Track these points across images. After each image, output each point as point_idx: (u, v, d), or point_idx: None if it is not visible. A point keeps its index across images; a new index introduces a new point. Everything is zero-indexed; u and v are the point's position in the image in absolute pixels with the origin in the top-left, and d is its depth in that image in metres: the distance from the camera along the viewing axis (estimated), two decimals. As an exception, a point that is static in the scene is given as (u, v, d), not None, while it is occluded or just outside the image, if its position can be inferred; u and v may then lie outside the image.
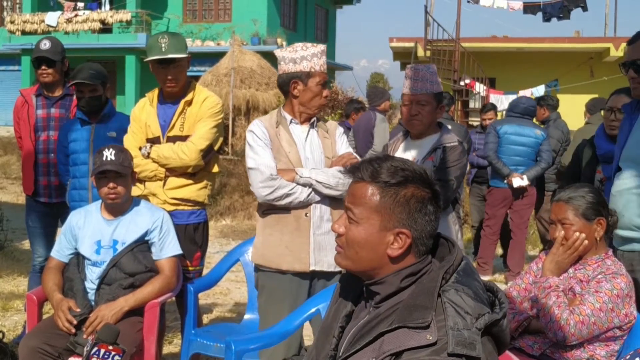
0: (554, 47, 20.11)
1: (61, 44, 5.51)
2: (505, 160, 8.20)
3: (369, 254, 2.12)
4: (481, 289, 2.06)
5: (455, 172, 4.13)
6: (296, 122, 3.96)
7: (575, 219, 3.39)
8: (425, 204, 2.09)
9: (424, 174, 2.12)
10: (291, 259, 3.86)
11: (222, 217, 12.77)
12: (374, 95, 9.59)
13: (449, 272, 2.04)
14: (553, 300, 3.28)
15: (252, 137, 3.91)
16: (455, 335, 1.89)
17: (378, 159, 2.15)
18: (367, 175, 2.12)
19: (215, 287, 5.83)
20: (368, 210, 2.10)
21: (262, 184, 3.79)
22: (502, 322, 2.01)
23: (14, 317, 6.33)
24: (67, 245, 4.24)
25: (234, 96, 18.55)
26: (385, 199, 2.08)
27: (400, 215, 2.07)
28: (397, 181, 2.08)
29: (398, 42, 20.83)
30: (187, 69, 4.56)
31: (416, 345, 1.92)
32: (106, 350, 3.64)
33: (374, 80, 51.38)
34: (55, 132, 5.38)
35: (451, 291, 1.98)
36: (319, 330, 2.34)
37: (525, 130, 8.16)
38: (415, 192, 2.08)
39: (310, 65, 3.87)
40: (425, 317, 1.94)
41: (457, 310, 1.94)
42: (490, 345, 1.99)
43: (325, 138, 4.00)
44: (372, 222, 2.10)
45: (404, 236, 2.08)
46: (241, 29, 27.04)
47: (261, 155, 3.84)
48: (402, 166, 2.11)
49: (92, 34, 29.15)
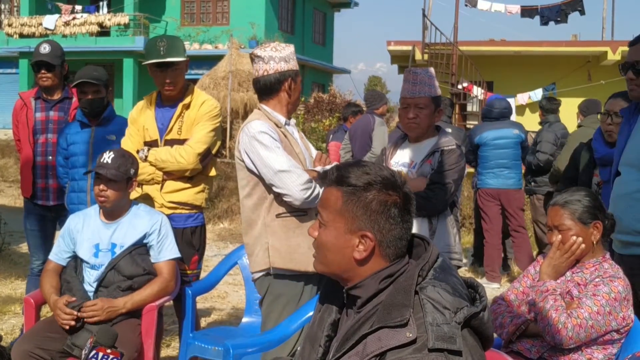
0: (551, 50, 20.10)
1: (61, 48, 5.50)
2: (490, 164, 8.29)
3: (336, 257, 2.16)
4: (459, 284, 2.07)
5: (453, 175, 4.13)
6: (288, 123, 3.97)
7: (571, 223, 3.39)
8: (388, 207, 2.10)
9: (391, 177, 2.14)
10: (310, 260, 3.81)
11: (220, 221, 12.77)
12: (372, 99, 9.60)
13: (424, 269, 2.06)
14: (550, 304, 3.28)
15: (268, 138, 3.74)
16: (434, 330, 1.91)
17: (348, 165, 2.20)
18: (334, 180, 2.17)
19: (213, 291, 5.83)
20: (333, 213, 2.15)
21: (302, 186, 3.67)
22: (482, 314, 2.02)
23: (11, 320, 6.33)
24: (65, 248, 4.24)
25: (231, 99, 18.57)
26: (348, 202, 2.12)
27: (362, 217, 2.11)
28: (360, 184, 2.11)
29: (396, 46, 20.81)
30: (185, 72, 4.57)
31: (397, 344, 1.93)
32: (104, 353, 3.64)
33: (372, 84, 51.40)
34: (54, 135, 5.39)
35: (428, 287, 2.00)
36: (305, 338, 2.35)
37: (504, 132, 8.26)
38: (378, 195, 2.10)
39: (296, 64, 3.91)
40: (403, 315, 1.96)
41: (435, 306, 1.96)
42: (472, 339, 2.00)
43: (302, 138, 4.06)
44: (337, 225, 2.15)
45: (367, 239, 2.10)
46: (239, 32, 27.07)
47: (286, 157, 3.73)
48: (367, 170, 2.14)
49: (90, 37, 29.15)
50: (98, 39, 29.39)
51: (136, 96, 27.55)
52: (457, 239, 4.26)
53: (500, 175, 8.35)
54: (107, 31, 29.56)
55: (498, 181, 8.38)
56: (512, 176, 8.39)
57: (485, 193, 8.50)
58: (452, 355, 1.90)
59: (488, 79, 19.47)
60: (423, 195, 4.06)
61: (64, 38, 27.51)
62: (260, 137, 3.73)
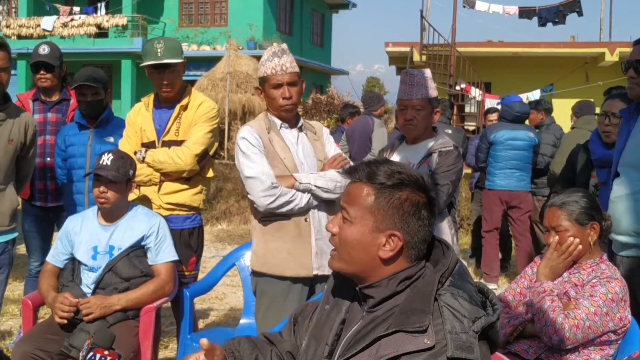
0: (549, 51, 20.12)
1: (59, 49, 5.51)
2: (502, 165, 8.25)
3: (360, 255, 2.13)
4: (474, 291, 2.07)
5: (451, 176, 4.14)
6: (286, 127, 3.96)
7: (568, 224, 3.39)
8: (420, 209, 2.10)
9: (420, 179, 2.13)
10: (294, 265, 3.84)
11: (218, 222, 12.77)
12: (370, 100, 9.60)
13: (444, 275, 2.05)
14: (548, 305, 3.28)
15: (245, 144, 3.83)
16: (453, 339, 1.91)
17: (376, 162, 2.17)
18: (364, 176, 2.13)
19: (211, 292, 5.83)
20: (362, 210, 2.12)
21: (263, 193, 3.74)
22: (497, 324, 2.02)
23: (9, 322, 6.32)
24: (63, 250, 4.24)
25: (229, 100, 18.57)
26: (380, 200, 2.10)
27: (394, 217, 2.09)
28: (392, 183, 2.09)
29: (394, 47, 20.83)
30: (182, 73, 4.57)
31: (414, 349, 1.92)
32: (102, 355, 3.64)
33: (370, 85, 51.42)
34: (52, 136, 5.39)
35: (447, 295, 1.99)
36: (308, 336, 2.32)
37: (519, 134, 8.22)
38: (410, 196, 2.09)
39: (264, 70, 3.88)
40: (422, 321, 1.95)
41: (454, 314, 1.95)
42: (485, 348, 2.00)
43: (315, 140, 4.01)
44: (365, 222, 2.11)
45: (395, 238, 2.09)
46: (237, 33, 27.05)
47: (258, 163, 3.78)
48: (399, 169, 2.12)
49: (88, 39, 29.15)
50: (96, 41, 29.39)
51: (134, 97, 27.55)
52: (455, 240, 4.26)
53: (512, 176, 8.30)
54: (105, 32, 29.57)
55: (509, 182, 8.31)
56: (523, 178, 8.36)
57: (493, 194, 8.43)
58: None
59: (486, 80, 19.49)
60: (420, 196, 4.05)
61: (62, 39, 27.51)
62: (240, 143, 3.86)
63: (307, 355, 2.28)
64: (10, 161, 4.31)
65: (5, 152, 4.25)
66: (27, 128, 4.43)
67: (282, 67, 3.84)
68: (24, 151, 4.45)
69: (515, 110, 8.30)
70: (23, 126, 4.38)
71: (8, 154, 4.27)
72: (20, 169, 4.48)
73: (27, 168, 4.59)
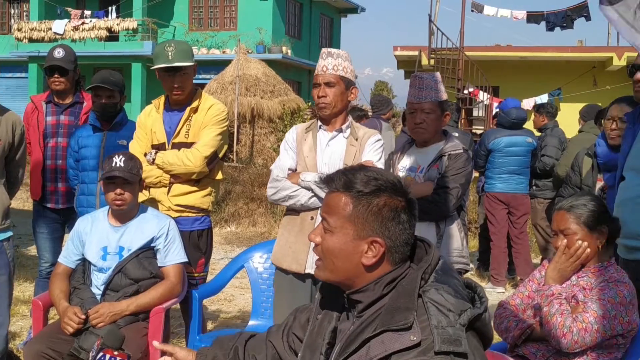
0: (557, 56, 20.11)
1: (74, 53, 5.53)
2: (500, 170, 8.32)
3: (344, 264, 2.14)
4: (460, 286, 2.08)
5: (460, 179, 4.15)
6: (324, 129, 4.08)
7: (577, 228, 3.40)
8: (399, 213, 2.11)
9: (397, 183, 2.14)
10: (290, 259, 3.99)
11: (227, 224, 12.78)
12: (379, 104, 9.62)
13: (427, 272, 2.06)
14: (556, 308, 3.29)
15: (284, 141, 4.18)
16: (440, 333, 1.92)
17: (352, 169, 2.18)
18: (341, 185, 2.14)
19: (220, 294, 5.85)
20: (342, 219, 2.13)
21: (269, 184, 4.04)
22: (484, 316, 2.03)
23: (19, 322, 6.35)
24: (75, 251, 4.27)
25: (239, 104, 18.60)
26: (358, 208, 2.11)
27: (373, 224, 2.10)
28: (369, 190, 2.10)
29: (402, 51, 20.84)
30: (193, 76, 4.59)
31: (401, 347, 1.93)
32: (111, 355, 3.66)
33: (378, 89, 51.37)
34: (64, 139, 5.41)
35: (431, 290, 2.01)
36: (303, 347, 2.32)
37: (517, 140, 8.28)
38: (388, 201, 2.11)
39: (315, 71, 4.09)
40: (407, 318, 1.97)
41: (439, 309, 1.96)
42: (475, 340, 2.01)
43: (351, 145, 4.05)
44: (346, 231, 2.12)
45: (377, 245, 2.10)
46: (246, 37, 27.10)
47: (280, 157, 4.11)
48: (375, 176, 2.13)
49: (99, 42, 29.23)
50: (107, 44, 29.46)
51: (144, 100, 27.59)
52: (465, 242, 4.27)
53: (510, 180, 8.38)
54: (115, 36, 29.64)
55: (507, 186, 8.40)
56: (521, 181, 8.43)
57: (494, 197, 8.52)
58: (457, 357, 1.91)
59: (494, 84, 19.49)
60: (430, 199, 4.07)
61: (72, 43, 27.60)
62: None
63: None
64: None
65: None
66: (15, 127, 4.37)
67: (323, 68, 4.00)
68: (13, 151, 4.40)
69: (512, 117, 8.34)
70: (10, 126, 4.33)
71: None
72: (11, 170, 4.44)
73: (18, 168, 4.53)
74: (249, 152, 18.89)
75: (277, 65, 26.04)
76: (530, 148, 8.35)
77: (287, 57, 28.97)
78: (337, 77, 3.98)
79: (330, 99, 3.98)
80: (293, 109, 19.38)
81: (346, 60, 4.02)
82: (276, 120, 19.07)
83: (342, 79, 3.99)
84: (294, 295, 3.99)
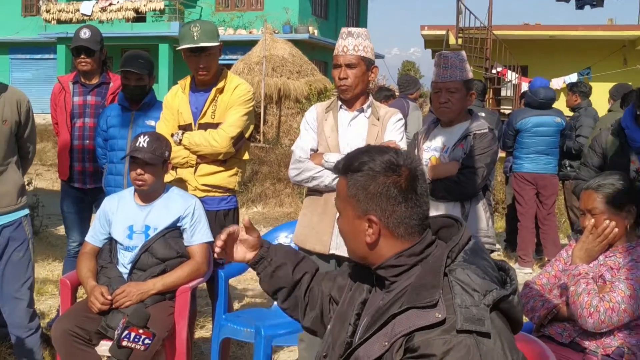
0: (586, 34, 19.86)
1: (100, 33, 5.55)
2: (528, 150, 8.25)
3: (354, 243, 2.22)
4: (490, 267, 2.08)
5: (486, 159, 4.12)
6: (345, 108, 4.06)
7: (604, 207, 3.37)
8: (387, 188, 2.12)
9: (392, 158, 2.15)
10: (314, 240, 4.00)
11: (254, 204, 12.84)
12: (406, 84, 9.59)
13: (454, 251, 2.07)
14: (582, 287, 3.27)
15: (304, 119, 4.14)
16: (463, 312, 1.92)
17: (354, 153, 2.24)
18: (341, 169, 2.23)
19: (246, 273, 5.87)
20: (343, 201, 2.21)
21: (292, 166, 4.04)
22: (512, 298, 2.03)
23: (48, 301, 6.44)
24: (101, 230, 4.31)
25: (265, 84, 18.61)
26: (351, 188, 2.17)
27: (364, 201, 2.15)
28: (360, 170, 2.15)
29: (430, 30, 20.70)
30: (218, 57, 4.58)
31: (425, 324, 1.94)
32: (137, 333, 3.71)
33: (406, 69, 51.03)
34: (91, 119, 5.45)
35: (458, 270, 2.01)
36: (334, 316, 2.37)
37: (546, 120, 8.18)
38: (376, 178, 2.13)
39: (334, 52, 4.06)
40: (432, 296, 1.97)
41: (464, 288, 1.97)
42: (501, 322, 2.01)
43: (373, 125, 4.03)
44: (347, 212, 2.21)
45: (372, 222, 2.14)
46: (273, 17, 27.04)
47: (301, 138, 4.08)
48: (368, 155, 2.18)
49: (126, 23, 29.35)
50: (134, 25, 29.55)
51: (171, 81, 27.66)
52: (490, 223, 4.24)
53: (538, 160, 8.30)
54: (142, 17, 29.72)
55: (535, 166, 8.33)
56: (550, 161, 8.34)
57: (522, 177, 8.45)
58: (480, 337, 1.91)
59: (522, 64, 19.31)
60: (455, 179, 4.06)
61: (100, 24, 27.69)
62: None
63: (332, 336, 2.32)
64: (7, 142, 4.23)
65: (0, 133, 4.19)
66: (20, 105, 4.31)
67: (344, 48, 3.96)
68: (21, 130, 4.36)
69: (539, 97, 8.24)
70: (15, 105, 4.28)
71: (4, 135, 4.20)
72: (22, 146, 4.41)
73: (28, 144, 4.49)
74: (276, 132, 18.91)
75: (303, 45, 25.96)
76: (559, 128, 8.27)
77: (314, 37, 28.87)
78: (358, 58, 3.94)
79: (351, 81, 3.96)
80: (319, 90, 19.35)
81: (366, 39, 3.98)
82: (303, 100, 19.06)
83: (363, 59, 3.96)
84: None
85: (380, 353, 2.01)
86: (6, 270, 4.25)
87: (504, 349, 1.94)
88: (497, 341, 1.93)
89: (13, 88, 4.37)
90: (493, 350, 1.91)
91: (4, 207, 4.22)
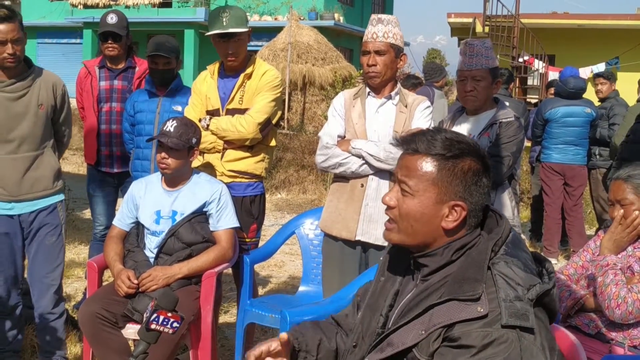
0: (615, 24, 19.67)
1: (126, 18, 5.57)
2: (557, 140, 8.18)
3: (423, 227, 2.12)
4: (530, 260, 2.06)
5: (511, 148, 4.10)
6: (373, 95, 4.05)
7: (634, 197, 3.35)
8: (481, 177, 2.10)
9: (477, 146, 2.13)
10: (340, 226, 4.00)
11: (278, 191, 12.86)
12: (432, 72, 9.56)
13: (497, 244, 2.05)
14: (610, 278, 3.25)
15: (331, 107, 4.13)
16: (508, 307, 1.90)
17: (431, 131, 2.16)
18: (423, 147, 2.11)
19: (271, 260, 5.90)
20: (424, 182, 2.10)
21: (319, 152, 4.03)
22: (553, 291, 2.01)
23: (74, 284, 6.50)
24: (129, 214, 4.34)
25: (290, 71, 18.58)
26: (443, 171, 2.08)
27: (457, 187, 2.08)
28: (453, 154, 2.08)
29: (456, 18, 20.59)
30: (247, 42, 4.59)
31: (467, 317, 1.93)
32: (165, 317, 3.70)
33: (431, 57, 50.83)
34: (118, 103, 5.48)
35: (501, 263, 1.99)
36: (365, 306, 2.33)
37: (575, 110, 8.10)
38: (472, 165, 2.09)
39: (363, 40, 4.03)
40: (475, 290, 1.95)
41: (508, 282, 1.95)
42: (542, 316, 1.99)
43: (400, 112, 4.01)
44: (428, 194, 2.10)
45: (459, 209, 2.08)
46: (298, 3, 26.99)
47: (329, 124, 4.07)
48: (457, 139, 2.12)
49: (152, 8, 29.38)
50: (160, 10, 29.58)
51: (197, 67, 27.70)
52: (516, 212, 4.23)
53: (567, 151, 8.23)
54: (169, 2, 29.77)
55: (564, 157, 8.26)
56: (579, 152, 8.27)
57: (549, 167, 8.39)
58: (523, 332, 1.90)
59: (550, 53, 19.16)
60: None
61: (126, 9, 27.73)
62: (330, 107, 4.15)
63: (362, 326, 2.30)
64: (44, 126, 4.24)
65: (36, 117, 4.19)
66: (56, 89, 4.30)
67: (373, 35, 3.94)
68: (57, 114, 4.36)
69: (569, 87, 8.15)
70: (51, 89, 4.27)
71: (40, 119, 4.21)
72: (57, 130, 4.42)
73: (64, 128, 4.49)
74: (300, 119, 18.89)
75: (328, 32, 25.87)
76: (588, 119, 8.17)
77: (339, 24, 28.77)
78: (387, 45, 3.92)
79: (380, 68, 3.94)
80: (344, 77, 19.29)
81: (396, 26, 3.96)
82: (327, 87, 19.01)
83: (392, 46, 3.93)
84: (344, 261, 4.02)
85: (416, 341, 2.00)
86: (38, 254, 4.29)
87: (543, 345, 1.93)
88: (537, 336, 1.92)
89: (48, 72, 4.36)
90: (533, 344, 1.91)
91: (40, 191, 4.25)
